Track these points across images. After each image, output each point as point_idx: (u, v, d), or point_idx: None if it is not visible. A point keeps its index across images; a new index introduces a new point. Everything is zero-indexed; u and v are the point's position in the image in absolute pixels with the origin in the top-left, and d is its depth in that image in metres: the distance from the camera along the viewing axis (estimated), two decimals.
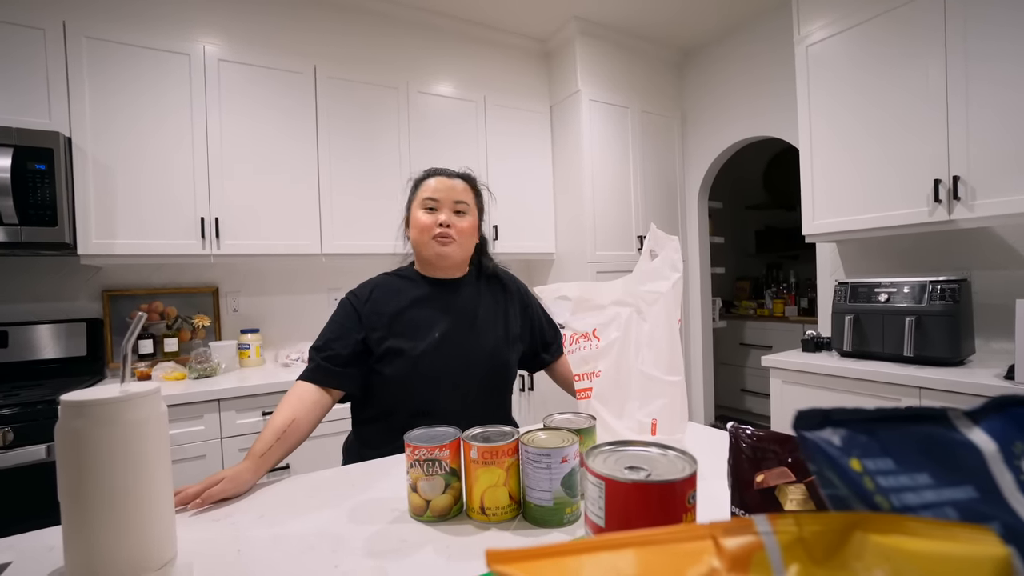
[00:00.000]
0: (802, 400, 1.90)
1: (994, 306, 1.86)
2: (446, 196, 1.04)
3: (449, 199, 1.04)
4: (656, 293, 0.83)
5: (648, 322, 0.83)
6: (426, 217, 1.03)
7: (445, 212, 1.03)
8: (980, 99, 1.62)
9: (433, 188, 1.05)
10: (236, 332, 2.27)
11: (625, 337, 0.83)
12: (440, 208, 1.03)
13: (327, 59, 2.37)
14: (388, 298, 1.05)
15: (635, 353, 0.82)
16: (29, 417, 1.50)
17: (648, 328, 0.83)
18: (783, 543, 0.22)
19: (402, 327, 1.02)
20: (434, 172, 1.09)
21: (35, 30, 1.73)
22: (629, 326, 0.84)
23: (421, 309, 1.05)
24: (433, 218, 1.03)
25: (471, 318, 1.06)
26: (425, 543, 0.63)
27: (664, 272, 0.85)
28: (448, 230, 1.02)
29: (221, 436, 1.75)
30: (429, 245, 1.03)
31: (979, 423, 0.28)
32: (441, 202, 1.04)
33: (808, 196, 2.10)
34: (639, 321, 0.84)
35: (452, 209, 1.04)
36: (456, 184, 1.06)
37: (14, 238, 1.62)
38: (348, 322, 1.02)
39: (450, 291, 1.08)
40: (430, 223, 1.02)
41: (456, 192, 1.05)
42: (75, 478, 0.54)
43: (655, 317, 0.83)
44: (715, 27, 2.87)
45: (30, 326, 1.90)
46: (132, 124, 1.87)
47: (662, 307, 0.83)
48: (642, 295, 0.84)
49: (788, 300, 3.79)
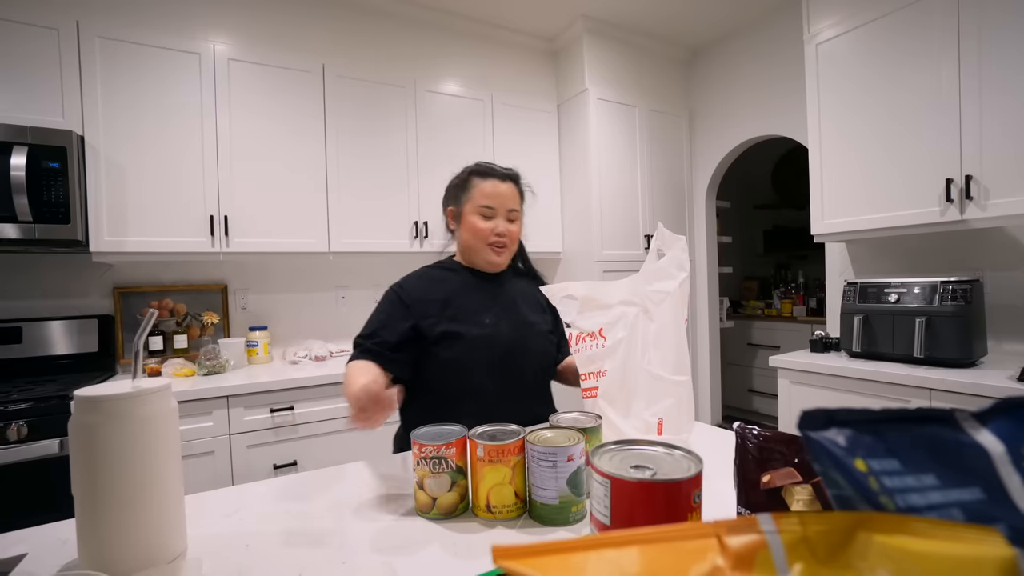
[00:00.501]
0: (810, 401, 1.88)
1: (1007, 307, 1.84)
2: (502, 204, 1.07)
3: (504, 207, 1.08)
4: (663, 293, 0.83)
5: (655, 322, 0.83)
6: (483, 224, 1.07)
7: (501, 221, 1.07)
8: (994, 97, 1.60)
9: (489, 195, 1.07)
10: (244, 329, 2.30)
11: (632, 336, 0.83)
12: (496, 216, 1.07)
13: (336, 58, 2.38)
14: (435, 286, 1.09)
15: (641, 353, 0.82)
16: (43, 412, 1.52)
17: (655, 328, 0.82)
18: (787, 542, 0.22)
19: (454, 312, 1.05)
20: (488, 172, 1.10)
21: (49, 30, 1.75)
22: (636, 325, 0.83)
23: (470, 296, 1.08)
24: (490, 226, 1.07)
25: (516, 306, 1.11)
26: (431, 540, 0.63)
27: (671, 271, 0.85)
28: (503, 239, 1.07)
29: (230, 432, 1.77)
30: (484, 251, 1.08)
31: (987, 424, 0.27)
32: (497, 210, 1.07)
33: (817, 195, 2.09)
34: (646, 321, 0.83)
35: (506, 217, 1.08)
36: (509, 190, 1.09)
37: (28, 235, 1.65)
38: (395, 311, 1.05)
39: (494, 282, 1.13)
40: (487, 231, 1.07)
41: (510, 200, 1.09)
42: (88, 472, 0.55)
43: (662, 317, 0.82)
44: (724, 25, 2.85)
45: (43, 322, 1.93)
46: (143, 123, 1.89)
47: (669, 307, 0.82)
48: (649, 295, 0.84)
49: (796, 300, 3.76)
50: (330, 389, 1.94)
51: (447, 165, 2.47)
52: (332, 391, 1.94)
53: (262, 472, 1.82)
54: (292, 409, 1.86)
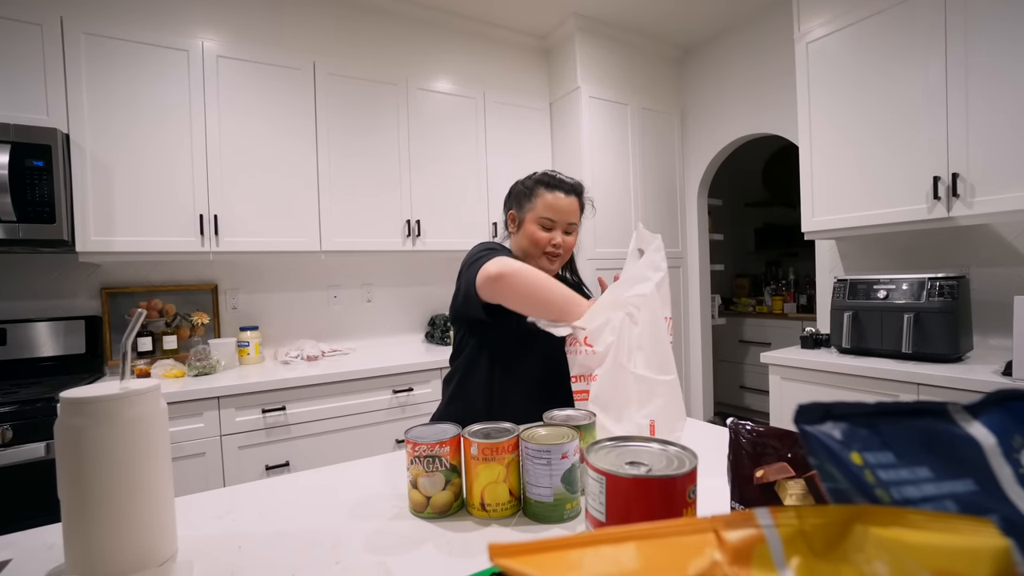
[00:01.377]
0: (801, 397, 1.90)
1: (992, 303, 1.87)
2: (562, 217, 1.11)
3: (564, 220, 1.11)
4: (642, 296, 0.84)
5: (638, 325, 0.84)
6: (542, 234, 1.10)
7: (559, 233, 1.11)
8: (980, 97, 1.62)
9: (552, 207, 1.10)
10: (235, 329, 2.27)
11: (619, 341, 0.84)
12: (555, 227, 1.11)
13: (326, 55, 2.37)
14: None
15: (628, 357, 0.83)
16: (28, 415, 1.50)
17: (638, 331, 0.84)
18: (784, 536, 0.22)
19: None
20: (555, 184, 1.12)
21: (33, 26, 1.72)
22: (623, 330, 0.84)
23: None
24: (548, 236, 1.10)
25: None
26: (426, 539, 0.63)
27: (646, 274, 0.86)
28: (558, 250, 1.11)
29: (220, 434, 1.75)
30: (539, 259, 1.12)
31: (978, 417, 0.28)
32: (557, 222, 1.11)
33: (807, 193, 2.11)
34: (631, 325, 0.85)
35: (564, 229, 1.12)
36: (572, 204, 1.12)
37: (12, 235, 1.62)
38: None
39: None
40: (546, 240, 1.10)
41: (571, 213, 1.12)
42: (75, 475, 0.54)
43: (643, 319, 0.84)
44: (715, 23, 2.87)
45: (29, 324, 1.90)
46: (130, 121, 1.87)
47: (648, 309, 0.84)
48: (631, 300, 0.85)
49: (787, 297, 3.80)
50: (322, 389, 1.92)
51: (439, 164, 2.49)
52: (325, 391, 1.93)
53: (254, 473, 1.80)
54: (284, 409, 1.85)
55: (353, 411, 1.98)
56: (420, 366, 2.11)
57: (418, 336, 2.74)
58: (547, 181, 1.13)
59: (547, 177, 1.14)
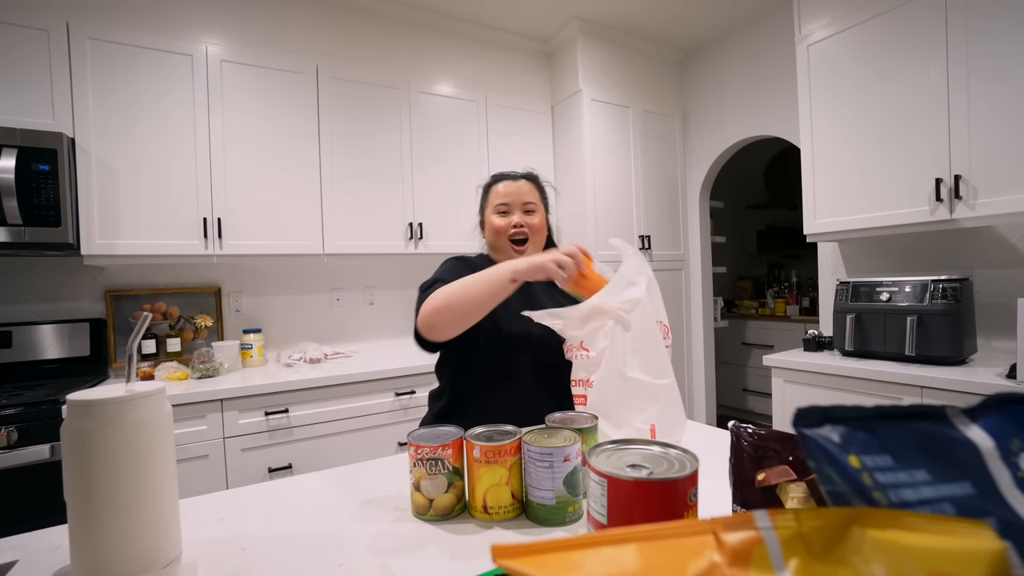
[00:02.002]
0: (804, 399, 1.90)
1: (996, 305, 1.86)
2: (515, 199, 1.13)
3: (518, 201, 1.13)
4: (632, 301, 0.84)
5: (631, 330, 0.84)
6: (500, 220, 1.13)
7: (517, 214, 1.12)
8: (982, 98, 1.62)
9: (503, 193, 1.13)
10: (238, 332, 2.28)
11: (613, 346, 0.84)
12: (511, 211, 1.13)
13: (329, 59, 2.38)
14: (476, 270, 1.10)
15: (624, 362, 0.83)
16: (33, 417, 1.51)
17: (631, 336, 0.83)
18: (783, 538, 0.22)
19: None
20: (501, 177, 1.17)
21: (39, 31, 1.74)
22: (615, 335, 0.84)
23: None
24: (507, 220, 1.12)
25: (550, 298, 1.14)
26: (428, 542, 0.63)
27: (633, 279, 0.86)
28: (522, 229, 1.12)
29: (224, 436, 1.75)
30: (506, 248, 1.13)
31: (976, 420, 0.28)
32: (512, 205, 1.13)
33: (809, 195, 2.11)
34: (622, 330, 0.84)
35: (522, 210, 1.13)
36: (522, 186, 1.14)
37: (18, 239, 1.63)
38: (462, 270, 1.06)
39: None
40: (504, 225, 1.12)
41: (523, 194, 1.14)
42: (81, 477, 0.55)
43: (636, 324, 0.83)
44: (716, 26, 2.87)
45: (34, 326, 1.91)
46: (135, 125, 1.88)
47: (640, 313, 0.83)
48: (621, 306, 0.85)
49: (790, 299, 3.79)
50: (325, 392, 1.93)
51: (441, 167, 2.50)
52: (327, 393, 1.93)
53: (257, 476, 1.81)
54: (287, 412, 1.85)
55: (355, 414, 1.98)
56: (422, 368, 2.11)
57: None
58: (496, 177, 1.19)
59: (493, 175, 1.20)
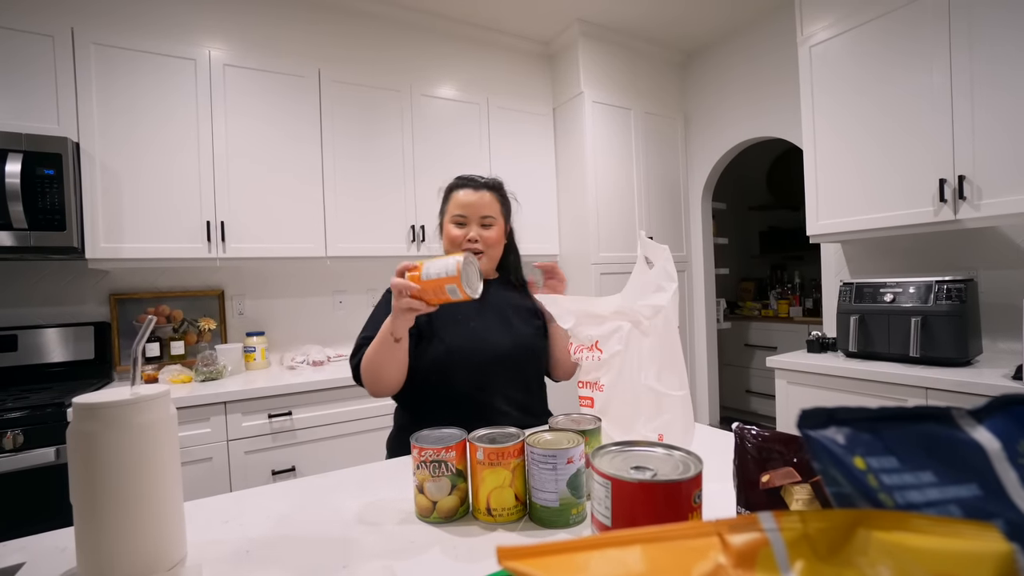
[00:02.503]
0: (808, 401, 1.89)
1: (1001, 306, 1.85)
2: (474, 212, 1.11)
3: (477, 214, 1.11)
4: (655, 307, 0.82)
5: (649, 336, 0.81)
6: (456, 231, 1.11)
7: (473, 227, 1.11)
8: (985, 98, 1.61)
9: (462, 203, 1.11)
10: (242, 335, 2.29)
11: (627, 351, 0.82)
12: (469, 223, 1.11)
13: (331, 63, 2.39)
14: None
15: (638, 368, 0.81)
16: (38, 420, 1.51)
17: (650, 342, 0.81)
18: (788, 540, 0.22)
19: (439, 319, 1.07)
20: (463, 183, 1.15)
21: (44, 37, 1.75)
22: (630, 340, 0.82)
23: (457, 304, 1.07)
24: (463, 232, 1.11)
25: (502, 315, 1.12)
26: (432, 544, 0.63)
27: (662, 283, 0.83)
28: (476, 244, 1.10)
29: (227, 439, 1.76)
30: None
31: (983, 422, 0.28)
32: (469, 217, 1.11)
33: (812, 196, 2.10)
34: (639, 335, 0.82)
35: (479, 223, 1.11)
36: (483, 197, 1.12)
37: (23, 243, 1.64)
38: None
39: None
40: (460, 237, 1.10)
41: (483, 207, 1.11)
42: (87, 480, 0.55)
43: (656, 330, 0.81)
44: (718, 28, 2.87)
45: (39, 330, 1.92)
46: (138, 129, 1.89)
47: (663, 320, 0.81)
48: (640, 309, 0.83)
49: (793, 301, 3.78)
50: (328, 394, 1.93)
51: (443, 169, 2.51)
52: (330, 396, 1.94)
53: (260, 478, 1.81)
54: (290, 415, 1.85)
55: (359, 416, 1.98)
56: None
57: None
58: (456, 183, 1.16)
59: (457, 179, 1.17)
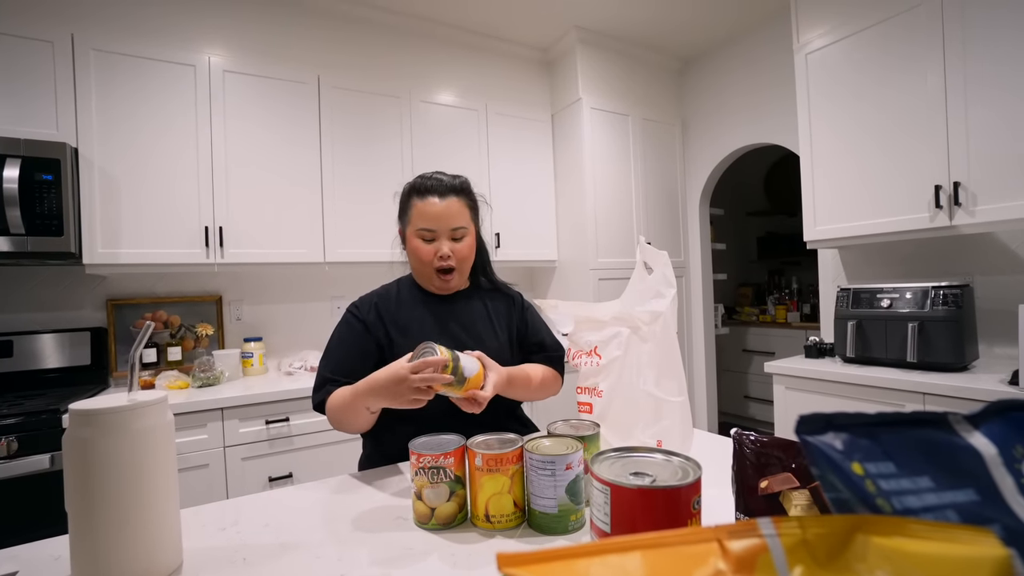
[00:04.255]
0: (806, 406, 1.89)
1: (997, 311, 1.86)
2: (443, 225, 0.97)
3: (446, 227, 0.98)
4: (655, 313, 0.82)
5: (648, 342, 0.81)
6: (424, 247, 0.98)
7: (444, 242, 0.98)
8: (979, 105, 1.63)
9: (429, 216, 0.97)
10: (239, 341, 2.28)
11: (625, 356, 0.82)
12: (438, 237, 0.98)
13: (331, 69, 2.40)
14: (389, 308, 1.05)
15: (637, 373, 0.81)
16: (33, 427, 1.50)
17: (649, 348, 0.81)
18: (787, 545, 0.22)
19: (403, 337, 1.01)
20: (425, 189, 1.00)
21: (44, 43, 1.76)
22: (629, 346, 0.82)
23: (423, 320, 1.04)
24: (432, 248, 0.98)
25: (470, 327, 1.06)
26: (430, 551, 0.63)
27: (660, 290, 0.84)
28: (448, 261, 0.99)
29: (224, 445, 1.75)
30: (431, 277, 1.01)
31: (979, 427, 0.28)
32: (438, 231, 0.98)
33: (809, 202, 2.11)
34: (638, 341, 0.82)
35: (450, 236, 0.99)
36: (451, 207, 0.98)
37: (20, 248, 1.64)
38: (354, 337, 1.01)
39: (448, 303, 1.07)
40: (429, 255, 0.98)
41: (452, 217, 0.98)
42: (83, 486, 0.55)
43: (656, 336, 0.81)
44: (715, 35, 2.90)
45: (35, 335, 1.91)
46: (137, 134, 1.89)
47: (661, 326, 0.81)
48: (639, 315, 0.83)
49: (790, 306, 3.79)
50: None
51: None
52: None
53: (257, 485, 1.80)
54: (287, 421, 1.85)
55: None
56: None
57: None
58: (418, 187, 1.00)
59: (418, 182, 1.01)
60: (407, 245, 1.03)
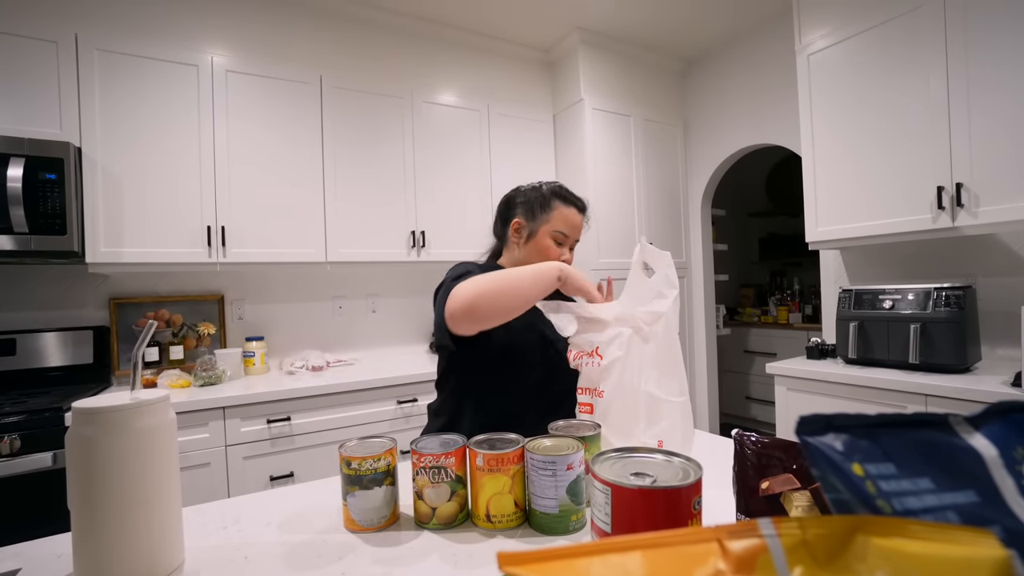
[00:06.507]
0: (807, 407, 1.89)
1: (1000, 313, 1.85)
2: (575, 235, 1.10)
3: (574, 238, 1.10)
4: (656, 313, 0.82)
5: (650, 342, 0.81)
6: (555, 249, 1.08)
7: (567, 249, 1.10)
8: (982, 106, 1.63)
9: (567, 223, 1.08)
10: (241, 340, 2.29)
11: (627, 357, 0.82)
12: (566, 243, 1.10)
13: (333, 69, 2.40)
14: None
15: (638, 374, 0.81)
16: (36, 425, 1.51)
17: (651, 348, 0.81)
18: (787, 546, 0.22)
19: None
20: (572, 200, 1.11)
21: (48, 43, 1.76)
22: (631, 346, 0.82)
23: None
24: (559, 252, 1.09)
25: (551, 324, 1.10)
26: (431, 551, 0.63)
27: (663, 290, 0.84)
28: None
29: (226, 444, 1.75)
30: None
31: (980, 429, 0.28)
32: (570, 238, 1.09)
33: (811, 203, 2.11)
34: (640, 341, 0.82)
35: (571, 246, 1.11)
36: (582, 222, 1.12)
37: (24, 247, 1.64)
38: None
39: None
40: (557, 255, 1.08)
41: (579, 231, 1.12)
42: (85, 484, 0.55)
43: (657, 337, 0.81)
44: (717, 36, 2.90)
45: (37, 334, 1.92)
46: (140, 134, 1.90)
47: (663, 326, 0.81)
48: (641, 315, 0.83)
49: (792, 307, 3.78)
50: (327, 400, 1.93)
51: (443, 175, 2.52)
52: (329, 401, 1.93)
53: (258, 484, 1.80)
54: (289, 420, 1.85)
55: (358, 421, 1.98)
56: (424, 376, 2.11)
57: (422, 346, 2.74)
58: (564, 195, 1.11)
59: (563, 191, 1.11)
60: (533, 240, 1.08)
